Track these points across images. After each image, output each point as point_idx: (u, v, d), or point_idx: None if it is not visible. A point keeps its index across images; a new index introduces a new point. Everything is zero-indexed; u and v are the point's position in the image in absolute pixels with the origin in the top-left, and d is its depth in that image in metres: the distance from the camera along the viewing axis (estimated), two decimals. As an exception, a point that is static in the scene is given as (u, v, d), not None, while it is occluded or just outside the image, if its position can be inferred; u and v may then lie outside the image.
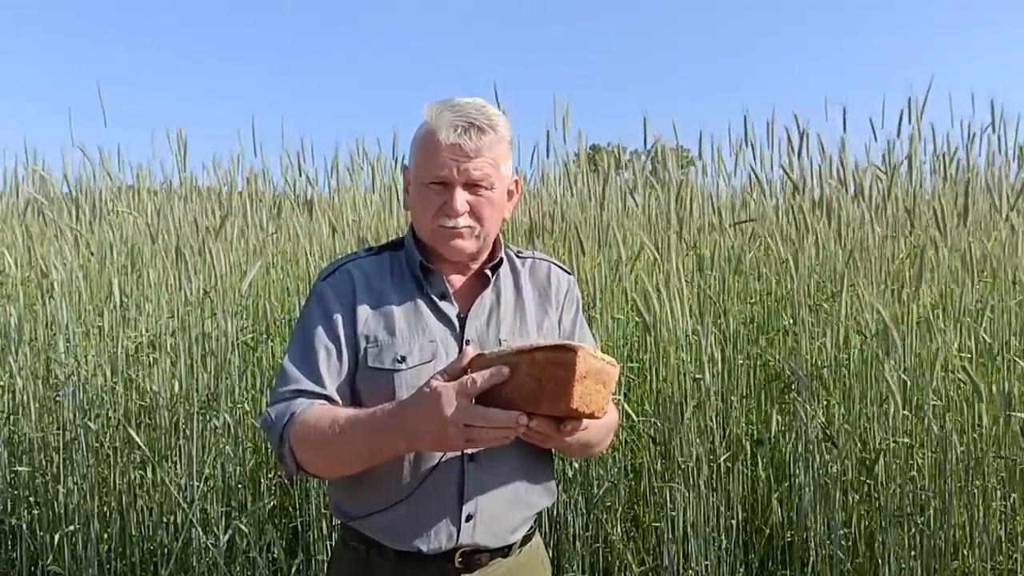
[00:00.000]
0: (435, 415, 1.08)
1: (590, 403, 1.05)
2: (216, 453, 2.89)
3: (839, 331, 2.74)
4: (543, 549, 1.47)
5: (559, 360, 1.03)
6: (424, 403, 1.10)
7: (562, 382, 1.03)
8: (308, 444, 1.22)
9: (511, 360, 1.07)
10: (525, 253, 1.48)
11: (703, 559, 2.62)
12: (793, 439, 2.82)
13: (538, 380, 1.05)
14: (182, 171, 3.25)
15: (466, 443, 1.10)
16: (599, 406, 1.06)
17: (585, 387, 1.04)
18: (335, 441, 1.20)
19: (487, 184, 1.31)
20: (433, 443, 1.15)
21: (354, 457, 1.22)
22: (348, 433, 1.19)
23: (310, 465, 1.25)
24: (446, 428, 1.08)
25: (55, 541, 2.87)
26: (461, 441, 1.09)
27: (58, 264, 3.06)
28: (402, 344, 1.29)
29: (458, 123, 1.27)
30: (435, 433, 1.10)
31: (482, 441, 1.10)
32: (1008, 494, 2.56)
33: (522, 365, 1.06)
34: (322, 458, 1.24)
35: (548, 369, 1.04)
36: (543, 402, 1.05)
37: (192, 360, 2.91)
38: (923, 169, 3.19)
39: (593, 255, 2.95)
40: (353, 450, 1.20)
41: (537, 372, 1.05)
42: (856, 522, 2.70)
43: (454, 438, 1.09)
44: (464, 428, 1.07)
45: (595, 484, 2.82)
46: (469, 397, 1.07)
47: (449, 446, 1.14)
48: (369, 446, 1.19)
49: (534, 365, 1.05)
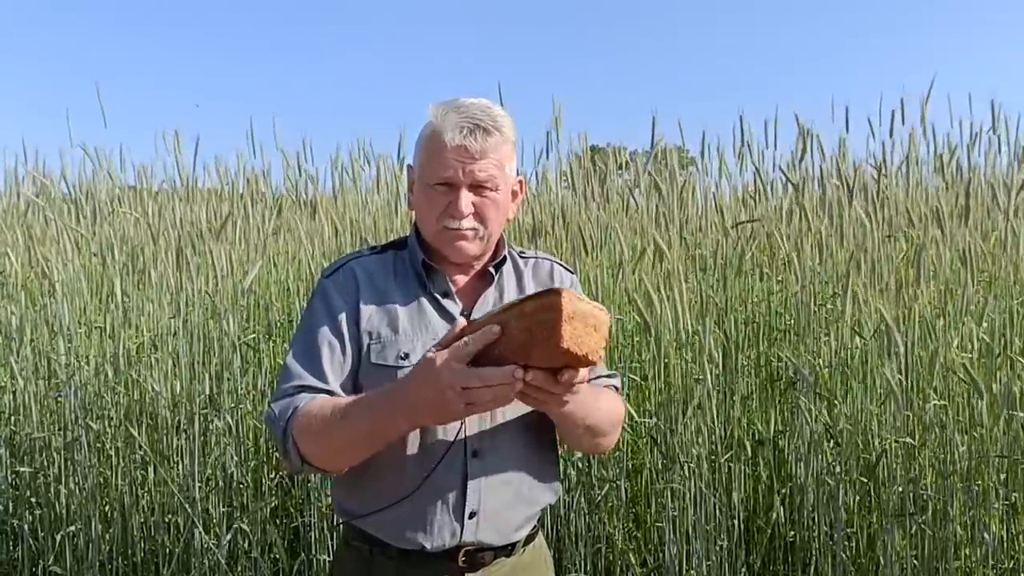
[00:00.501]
0: (431, 383, 1.08)
1: (581, 344, 1.03)
2: (218, 453, 2.89)
3: (841, 331, 2.75)
4: (546, 549, 1.47)
5: (546, 304, 1.02)
6: (419, 373, 1.10)
7: (551, 324, 1.01)
8: (310, 434, 1.22)
9: (501, 318, 1.07)
10: (528, 253, 1.48)
11: (704, 560, 2.62)
12: (795, 439, 2.82)
13: (528, 330, 1.04)
14: (182, 171, 3.25)
15: (466, 408, 1.08)
16: (592, 348, 1.04)
17: (574, 328, 1.02)
18: (337, 427, 1.19)
19: (492, 185, 1.31)
20: (433, 413, 1.13)
21: (356, 441, 1.21)
22: (349, 417, 1.18)
23: (314, 457, 1.24)
24: (443, 393, 1.07)
25: (56, 542, 2.87)
26: (461, 406, 1.07)
27: (59, 265, 3.06)
28: (405, 341, 1.29)
29: (463, 124, 1.27)
30: (433, 402, 1.09)
31: (482, 403, 1.08)
32: (1009, 494, 2.56)
33: (511, 320, 1.05)
34: (325, 447, 1.23)
35: (537, 316, 1.03)
36: (534, 349, 1.04)
37: (193, 360, 2.91)
38: (923, 169, 3.20)
39: (594, 255, 2.95)
40: (355, 434, 1.19)
41: (527, 323, 1.04)
42: (858, 522, 2.70)
43: (452, 403, 1.07)
44: (462, 392, 1.06)
45: (596, 484, 2.82)
46: (463, 360, 1.06)
47: (449, 413, 1.11)
48: (370, 427, 1.18)
49: (523, 317, 1.04)
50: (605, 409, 1.35)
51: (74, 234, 3.19)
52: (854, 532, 2.70)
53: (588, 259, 2.93)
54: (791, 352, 2.87)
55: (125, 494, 2.91)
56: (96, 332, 3.09)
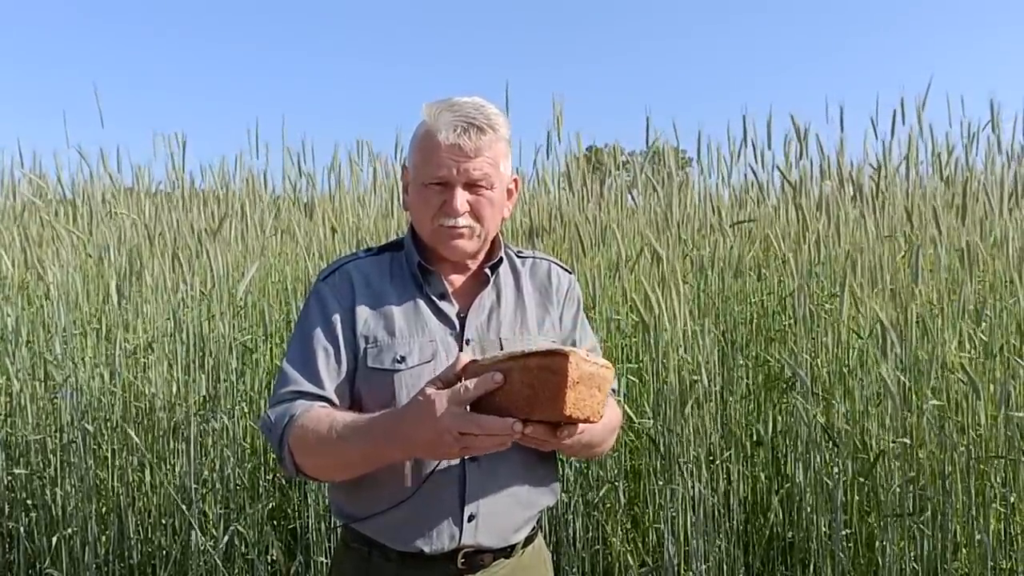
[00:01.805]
0: (429, 423, 1.08)
1: (584, 408, 1.04)
2: (214, 455, 2.88)
3: (839, 331, 2.74)
4: (545, 550, 1.46)
5: (551, 366, 1.02)
6: (418, 412, 1.10)
7: (555, 388, 1.02)
8: (306, 449, 1.23)
9: (504, 366, 1.06)
10: (525, 253, 1.48)
11: (702, 562, 2.61)
12: (793, 439, 2.82)
13: (531, 386, 1.04)
14: (180, 173, 3.25)
15: (462, 451, 1.10)
16: (594, 411, 1.05)
17: (579, 393, 1.02)
18: (332, 447, 1.20)
19: (487, 184, 1.30)
20: (428, 451, 1.15)
21: (351, 463, 1.23)
22: (345, 440, 1.19)
23: (309, 469, 1.25)
24: (441, 436, 1.07)
25: (53, 544, 2.86)
26: (457, 449, 1.09)
27: (55, 266, 3.05)
28: (402, 344, 1.29)
29: (457, 123, 1.27)
30: (430, 441, 1.10)
31: (477, 448, 1.10)
32: (1008, 494, 2.56)
33: (515, 371, 1.05)
34: (320, 463, 1.25)
35: (541, 375, 1.03)
36: (537, 408, 1.04)
37: (189, 362, 2.90)
38: (922, 168, 3.20)
39: (592, 255, 2.95)
40: (350, 456, 1.21)
41: (530, 378, 1.04)
42: (857, 522, 2.70)
43: (449, 446, 1.08)
44: (459, 436, 1.06)
45: (594, 486, 2.81)
46: (462, 404, 1.07)
47: (444, 454, 1.14)
48: (365, 453, 1.20)
49: (527, 371, 1.04)
50: (599, 425, 1.34)
51: (70, 235, 3.18)
52: (853, 533, 2.70)
53: (586, 259, 2.93)
54: (788, 353, 2.87)
55: (122, 496, 2.90)
56: (92, 334, 3.09)
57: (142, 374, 2.99)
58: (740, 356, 2.99)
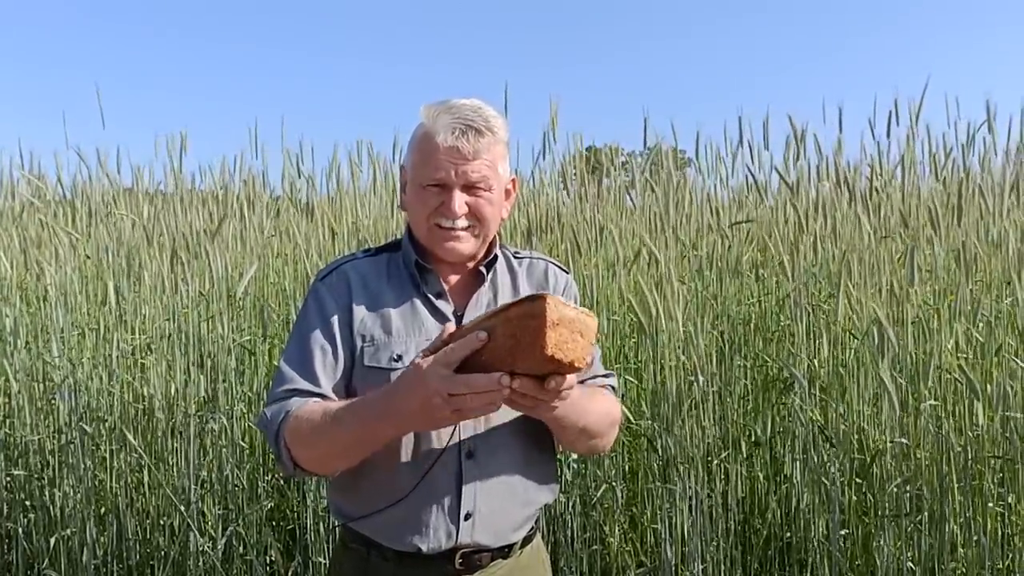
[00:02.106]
0: (418, 389, 1.09)
1: (567, 351, 1.03)
2: (213, 456, 2.88)
3: (836, 331, 2.75)
4: (544, 551, 1.46)
5: (530, 310, 1.02)
6: (406, 380, 1.11)
7: (535, 331, 1.02)
8: (301, 438, 1.22)
9: (487, 324, 1.07)
10: (523, 253, 1.48)
11: (699, 562, 2.61)
12: (791, 439, 2.82)
13: (513, 336, 1.04)
14: (178, 174, 3.25)
15: (454, 414, 1.09)
16: (578, 355, 1.04)
17: (559, 334, 1.02)
18: (326, 432, 1.20)
19: (485, 186, 1.31)
20: (421, 420, 1.14)
21: (345, 447, 1.22)
22: (339, 421, 1.19)
23: (305, 461, 1.25)
24: (430, 400, 1.08)
25: (51, 545, 2.86)
26: (448, 412, 1.08)
27: (53, 267, 3.05)
28: (398, 343, 1.29)
29: (456, 126, 1.27)
30: (420, 408, 1.10)
31: (469, 409, 1.09)
32: (1006, 494, 2.56)
33: (497, 326, 1.06)
34: (315, 451, 1.24)
35: (521, 322, 1.03)
36: (519, 356, 1.04)
37: (188, 362, 2.91)
38: (919, 169, 3.21)
39: (589, 256, 2.95)
40: (344, 439, 1.20)
41: (511, 328, 1.04)
42: (855, 523, 2.70)
43: (440, 409, 1.08)
44: (449, 398, 1.06)
45: (592, 485, 2.82)
46: (449, 366, 1.07)
47: (437, 419, 1.12)
48: (359, 433, 1.19)
49: (508, 323, 1.05)
50: (600, 411, 1.34)
51: (68, 236, 3.18)
52: (850, 533, 2.70)
53: (583, 260, 2.93)
54: (785, 353, 2.87)
55: (120, 497, 2.90)
56: (91, 334, 3.09)
57: (140, 375, 2.99)
58: (738, 357, 2.99)
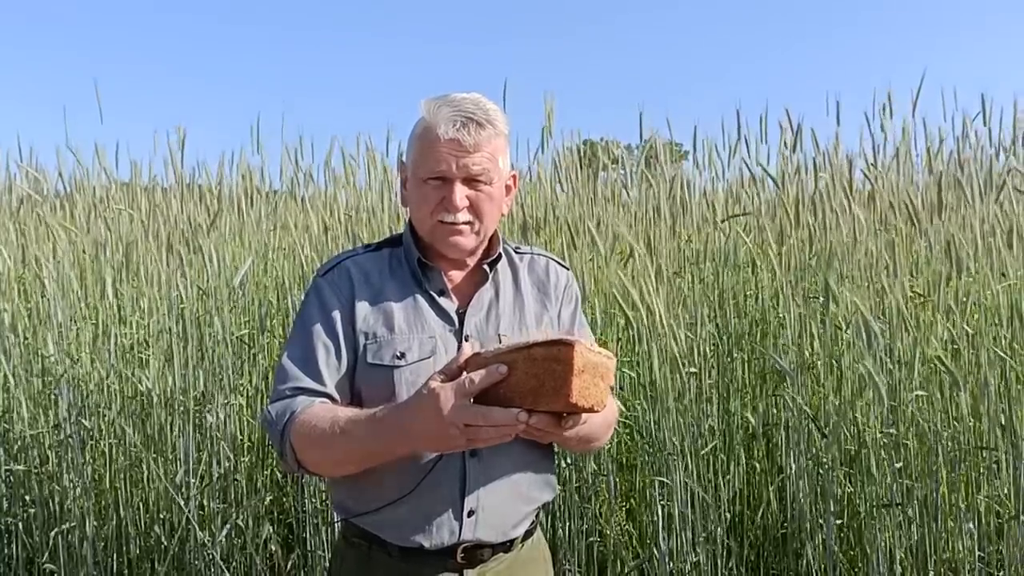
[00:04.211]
0: (434, 416, 1.08)
1: (589, 397, 1.05)
2: (211, 450, 2.89)
3: (827, 323, 2.76)
4: (544, 544, 1.47)
5: (556, 355, 1.04)
6: (423, 405, 1.11)
7: (560, 377, 1.03)
8: (308, 444, 1.23)
9: (508, 358, 1.08)
10: (523, 249, 1.48)
11: (693, 554, 2.62)
12: (784, 430, 2.84)
13: (536, 376, 1.05)
14: (178, 168, 3.25)
15: (467, 443, 1.11)
16: (598, 400, 1.07)
17: (583, 381, 1.04)
18: (335, 442, 1.20)
19: (486, 179, 1.31)
20: (433, 444, 1.16)
21: (354, 458, 1.23)
22: (348, 435, 1.19)
23: (311, 465, 1.26)
24: (446, 429, 1.08)
25: (51, 539, 2.87)
26: (463, 441, 1.10)
27: (50, 261, 3.05)
28: (401, 340, 1.29)
29: (456, 118, 1.27)
30: (435, 434, 1.11)
31: (483, 440, 1.10)
32: (996, 484, 2.58)
33: (519, 362, 1.06)
34: (322, 459, 1.25)
35: (546, 365, 1.04)
36: (542, 398, 1.06)
37: (186, 356, 2.91)
38: (913, 161, 3.22)
39: (584, 251, 2.95)
40: (353, 452, 1.21)
41: (535, 368, 1.05)
42: (849, 513, 2.72)
43: (455, 439, 1.09)
44: (464, 428, 1.07)
45: (589, 478, 2.83)
46: (467, 397, 1.07)
47: (449, 447, 1.14)
48: (368, 448, 1.20)
49: (532, 362, 1.05)
50: (599, 420, 1.35)
51: (67, 231, 3.18)
52: (844, 523, 2.72)
53: (577, 254, 2.94)
54: (777, 346, 2.89)
55: (120, 491, 2.91)
56: (89, 329, 3.09)
57: (139, 369, 2.99)
58: (735, 350, 3.01)
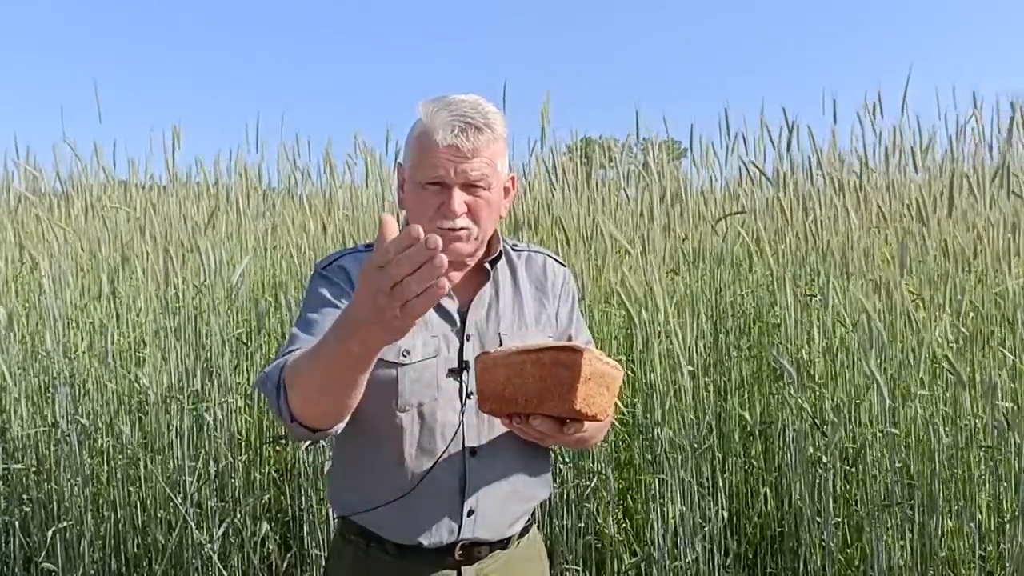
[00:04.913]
0: (364, 294, 0.95)
1: (593, 405, 1.06)
2: (208, 448, 2.89)
3: (825, 322, 2.77)
4: (540, 542, 1.48)
5: (565, 361, 1.04)
6: (358, 289, 0.98)
7: (567, 383, 1.04)
8: (293, 381, 1.15)
9: (517, 359, 1.08)
10: (521, 246, 1.48)
11: (690, 552, 2.63)
12: (782, 428, 2.85)
13: (543, 380, 1.05)
14: (172, 167, 3.25)
15: (403, 312, 0.93)
16: (602, 409, 1.07)
17: (589, 389, 1.04)
18: (307, 367, 1.11)
19: (485, 184, 1.30)
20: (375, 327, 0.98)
21: (325, 378, 1.09)
22: (314, 353, 1.10)
23: (299, 409, 1.15)
24: (376, 299, 0.94)
25: (48, 538, 2.87)
26: (396, 309, 0.93)
27: (47, 261, 3.04)
28: (406, 339, 1.26)
29: (454, 123, 1.26)
30: (371, 313, 0.96)
31: (413, 296, 0.92)
32: (995, 483, 2.59)
33: (527, 364, 1.07)
34: (302, 392, 1.14)
35: (553, 369, 1.05)
36: (547, 402, 1.06)
37: (181, 355, 2.91)
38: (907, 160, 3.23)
39: (578, 249, 2.95)
40: (321, 369, 1.09)
41: (542, 372, 1.06)
42: (847, 511, 2.73)
43: (387, 308, 0.93)
44: (390, 291, 0.92)
45: (586, 476, 2.84)
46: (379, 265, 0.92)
47: (389, 322, 0.96)
48: (331, 359, 1.07)
49: (539, 365, 1.06)
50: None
51: (63, 230, 3.17)
52: (842, 521, 2.73)
53: (572, 253, 2.94)
54: (776, 343, 2.89)
55: (117, 490, 2.91)
56: (87, 327, 3.09)
57: (135, 367, 2.99)
58: (732, 347, 3.01)
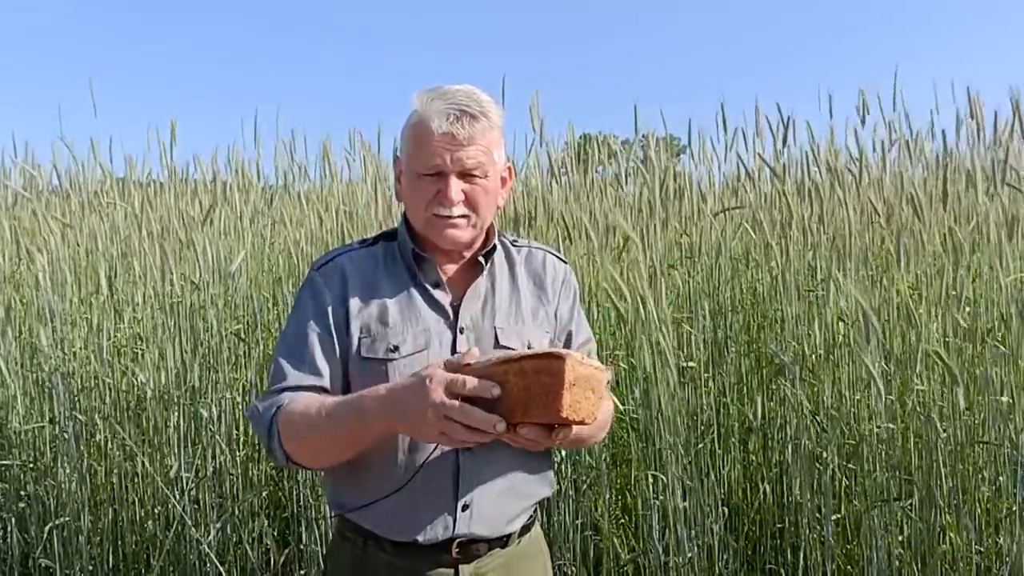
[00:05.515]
0: (420, 396, 1.07)
1: (580, 410, 1.05)
2: (205, 444, 2.89)
3: (824, 317, 2.76)
4: (543, 540, 1.47)
5: (548, 368, 1.03)
6: (414, 382, 1.10)
7: (551, 390, 1.03)
8: (294, 431, 1.22)
9: (499, 369, 1.07)
10: (521, 242, 1.47)
11: (688, 548, 2.62)
12: (781, 424, 2.84)
13: (527, 389, 1.05)
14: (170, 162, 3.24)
15: (438, 436, 1.09)
16: (588, 412, 1.06)
17: (574, 395, 1.04)
18: (320, 426, 1.19)
19: (481, 172, 1.30)
20: (408, 425, 1.13)
21: (339, 440, 1.21)
22: (332, 417, 1.19)
23: (298, 454, 1.25)
24: (425, 413, 1.07)
25: (46, 534, 2.87)
26: (435, 433, 1.08)
27: (45, 256, 3.04)
28: (395, 334, 1.29)
29: (450, 111, 1.26)
30: (414, 414, 1.08)
31: (455, 439, 1.08)
32: (994, 478, 2.58)
33: (510, 375, 1.06)
34: (309, 445, 1.24)
35: (536, 378, 1.04)
36: (532, 410, 1.05)
37: (179, 351, 2.90)
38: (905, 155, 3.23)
39: (577, 244, 2.95)
40: (337, 432, 1.20)
41: (525, 381, 1.05)
42: (846, 507, 2.73)
43: (429, 426, 1.08)
44: (442, 420, 1.06)
45: (584, 472, 2.83)
46: (453, 392, 1.06)
47: (422, 430, 1.11)
48: (353, 425, 1.18)
49: (522, 374, 1.05)
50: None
51: (61, 227, 3.17)
52: (841, 517, 2.72)
53: (571, 248, 2.94)
54: (776, 338, 2.89)
55: (114, 486, 2.90)
56: (83, 323, 3.08)
57: (133, 363, 2.99)
58: (731, 343, 3.01)
